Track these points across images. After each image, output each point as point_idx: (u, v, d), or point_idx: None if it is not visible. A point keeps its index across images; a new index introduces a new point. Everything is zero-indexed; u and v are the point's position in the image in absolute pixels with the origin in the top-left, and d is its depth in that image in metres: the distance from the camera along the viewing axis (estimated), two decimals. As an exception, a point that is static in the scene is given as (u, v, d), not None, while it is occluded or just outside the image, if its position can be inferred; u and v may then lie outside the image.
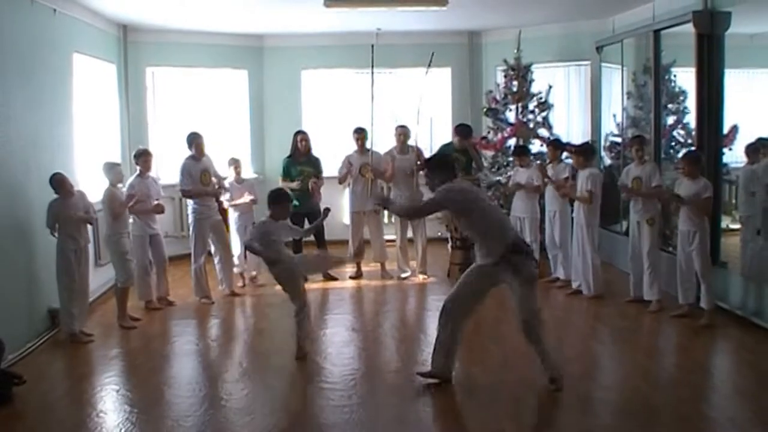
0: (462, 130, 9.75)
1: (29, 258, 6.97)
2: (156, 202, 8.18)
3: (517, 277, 5.45)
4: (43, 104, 7.44)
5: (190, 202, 8.73)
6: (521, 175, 9.14)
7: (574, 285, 8.61)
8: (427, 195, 9.41)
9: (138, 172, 8.14)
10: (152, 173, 8.31)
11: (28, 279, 6.94)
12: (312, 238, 9.28)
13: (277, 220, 6.67)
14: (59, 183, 6.95)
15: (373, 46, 9.39)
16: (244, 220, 9.22)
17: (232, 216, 9.32)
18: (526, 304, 5.50)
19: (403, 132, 9.54)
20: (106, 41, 9.86)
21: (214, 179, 8.84)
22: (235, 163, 9.30)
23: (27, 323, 6.89)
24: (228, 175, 9.25)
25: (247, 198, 9.17)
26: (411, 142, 9.62)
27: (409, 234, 9.71)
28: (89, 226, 7.34)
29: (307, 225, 9.33)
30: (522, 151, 9.34)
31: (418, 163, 9.35)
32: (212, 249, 8.82)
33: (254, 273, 9.41)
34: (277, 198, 6.73)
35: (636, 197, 7.91)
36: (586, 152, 8.47)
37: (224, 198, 9.19)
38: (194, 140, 8.60)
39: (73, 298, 7.07)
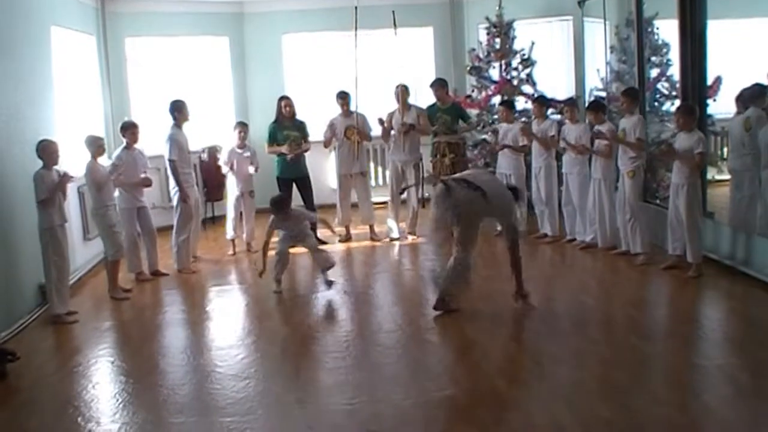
0: (440, 83, 9.67)
1: (16, 233, 6.88)
2: (143, 175, 8.15)
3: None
4: (23, 78, 7.34)
5: None
6: (506, 130, 9.16)
7: (588, 239, 8.56)
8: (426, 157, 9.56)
9: (125, 144, 8.08)
10: (138, 145, 8.25)
11: (16, 255, 6.88)
12: (301, 202, 9.39)
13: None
14: (47, 149, 6.74)
15: (356, 8, 9.30)
16: (242, 186, 9.29)
17: (231, 182, 9.36)
18: None
19: (400, 90, 9.43)
20: (84, 13, 9.73)
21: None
22: (240, 128, 9.33)
23: (18, 299, 6.87)
24: (232, 139, 9.38)
25: (251, 169, 9.28)
26: (410, 100, 9.58)
27: (403, 196, 9.71)
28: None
29: (295, 190, 9.40)
30: (507, 105, 9.32)
31: (414, 124, 9.33)
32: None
33: (245, 238, 9.51)
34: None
35: (620, 147, 7.89)
36: (601, 108, 8.40)
37: (222, 163, 9.34)
38: (180, 108, 8.59)
39: (62, 277, 6.99)
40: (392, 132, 9.47)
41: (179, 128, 8.60)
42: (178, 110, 8.59)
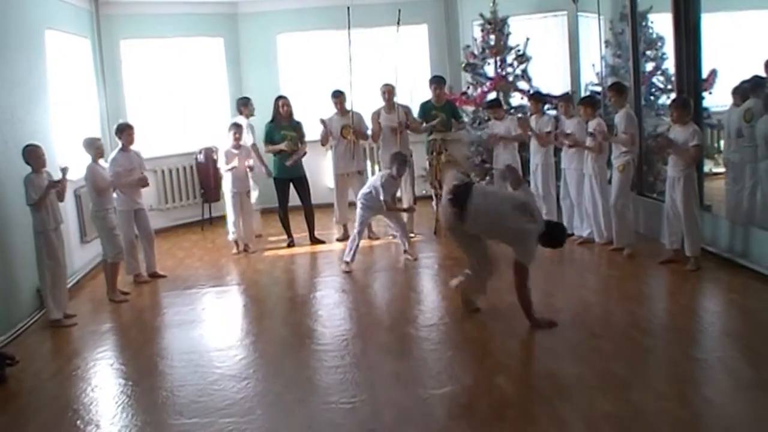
0: (439, 81, 9.66)
1: (13, 237, 6.86)
2: (140, 175, 8.13)
3: None
4: (18, 82, 7.32)
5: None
6: (498, 127, 9.20)
7: (585, 234, 8.59)
8: (416, 152, 9.58)
9: (120, 146, 8.07)
10: (133, 147, 8.22)
11: (13, 258, 6.86)
12: (299, 202, 9.41)
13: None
14: (32, 154, 6.71)
15: (348, 8, 9.30)
16: (239, 186, 9.28)
17: (227, 182, 9.34)
18: None
19: (387, 90, 9.43)
20: (78, 16, 9.71)
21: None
22: (235, 129, 9.33)
23: (16, 303, 6.85)
24: (226, 140, 9.36)
25: (249, 162, 9.24)
26: (396, 99, 9.56)
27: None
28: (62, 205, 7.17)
29: (292, 191, 9.43)
30: (495, 104, 9.35)
31: (407, 123, 9.34)
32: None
33: (244, 239, 9.50)
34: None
35: (610, 143, 7.92)
36: (592, 103, 8.40)
37: (221, 164, 9.33)
38: (246, 104, 10.00)
39: (58, 281, 6.97)
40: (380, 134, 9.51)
41: None
42: (244, 105, 9.95)
